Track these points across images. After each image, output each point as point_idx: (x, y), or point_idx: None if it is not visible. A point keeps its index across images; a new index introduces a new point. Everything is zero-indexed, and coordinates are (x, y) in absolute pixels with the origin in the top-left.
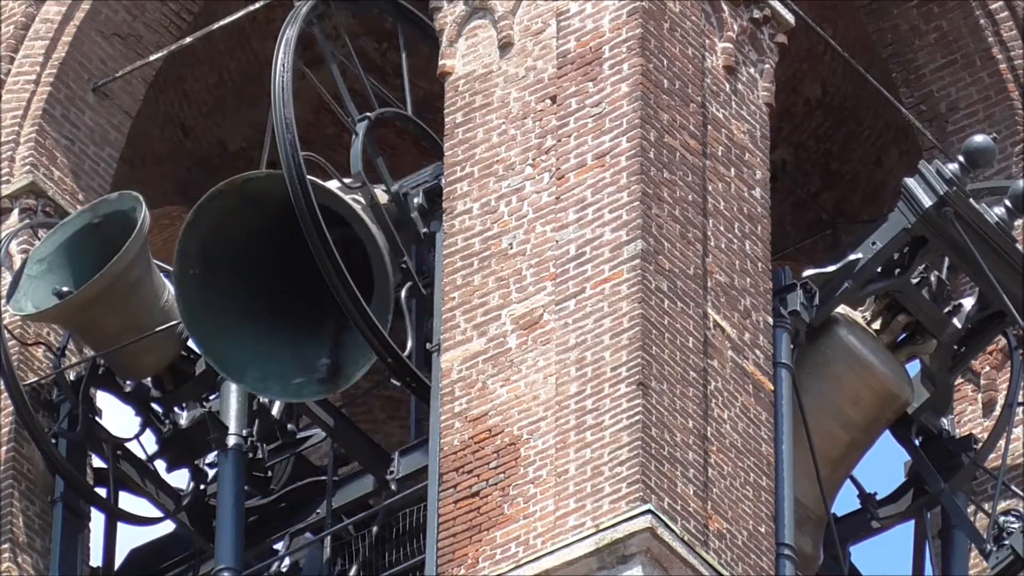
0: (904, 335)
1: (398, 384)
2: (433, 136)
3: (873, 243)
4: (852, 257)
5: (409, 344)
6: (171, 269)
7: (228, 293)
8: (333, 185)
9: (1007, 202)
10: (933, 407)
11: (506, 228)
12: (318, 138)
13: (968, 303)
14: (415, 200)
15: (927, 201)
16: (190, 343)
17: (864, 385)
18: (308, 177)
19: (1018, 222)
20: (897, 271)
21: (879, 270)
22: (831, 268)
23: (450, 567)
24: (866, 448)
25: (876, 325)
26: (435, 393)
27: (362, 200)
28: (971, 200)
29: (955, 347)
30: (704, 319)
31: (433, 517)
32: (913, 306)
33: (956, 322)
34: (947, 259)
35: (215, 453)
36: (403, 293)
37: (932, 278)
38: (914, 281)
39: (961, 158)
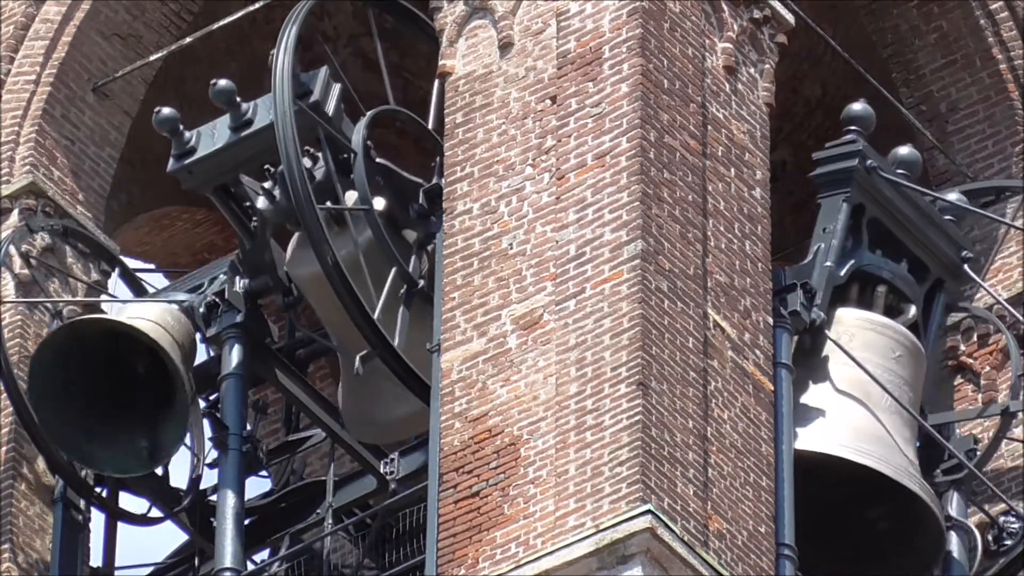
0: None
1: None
2: (434, 134)
3: (824, 229)
4: (815, 247)
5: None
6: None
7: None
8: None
9: (901, 170)
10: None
11: (506, 228)
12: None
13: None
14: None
15: (850, 164)
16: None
17: (895, 341)
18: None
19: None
20: (853, 247)
21: (842, 254)
22: (807, 260)
23: (450, 567)
24: (916, 407)
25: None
26: (435, 393)
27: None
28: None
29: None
30: (704, 319)
31: (433, 517)
32: (886, 271)
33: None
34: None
35: (216, 454)
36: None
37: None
38: (875, 252)
39: (852, 126)
